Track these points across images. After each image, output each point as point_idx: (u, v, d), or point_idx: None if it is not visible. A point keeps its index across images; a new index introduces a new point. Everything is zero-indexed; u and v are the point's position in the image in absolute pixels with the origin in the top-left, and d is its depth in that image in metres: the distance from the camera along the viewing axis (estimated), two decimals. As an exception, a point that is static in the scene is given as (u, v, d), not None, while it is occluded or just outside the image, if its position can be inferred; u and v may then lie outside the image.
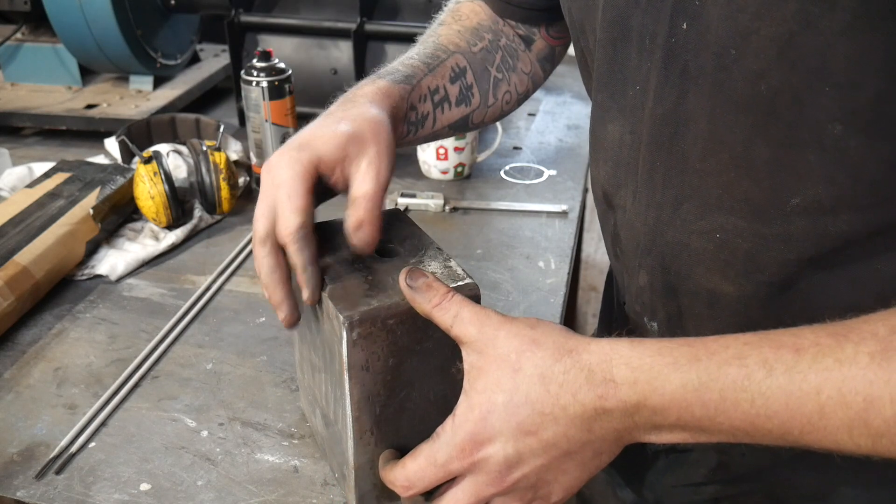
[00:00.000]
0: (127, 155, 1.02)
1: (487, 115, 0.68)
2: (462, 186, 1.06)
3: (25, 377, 0.69)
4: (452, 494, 0.44)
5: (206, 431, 0.63)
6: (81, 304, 0.80)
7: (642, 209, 0.51)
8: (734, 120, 0.42)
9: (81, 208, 0.84)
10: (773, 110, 0.40)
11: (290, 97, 0.99)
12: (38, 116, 1.19)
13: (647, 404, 0.39)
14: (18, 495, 0.57)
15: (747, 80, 0.40)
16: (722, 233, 0.46)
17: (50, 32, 1.23)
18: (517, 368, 0.41)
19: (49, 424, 0.64)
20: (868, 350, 0.35)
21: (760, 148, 0.42)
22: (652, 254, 0.52)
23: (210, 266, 0.86)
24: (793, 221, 0.43)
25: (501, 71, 0.67)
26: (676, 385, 0.38)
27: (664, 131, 0.46)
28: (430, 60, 0.62)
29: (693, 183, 0.46)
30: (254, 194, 1.03)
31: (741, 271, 0.47)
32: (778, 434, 0.38)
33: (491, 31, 0.67)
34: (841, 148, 0.40)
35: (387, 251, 0.52)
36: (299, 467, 0.59)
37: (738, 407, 0.37)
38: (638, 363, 0.39)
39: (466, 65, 0.64)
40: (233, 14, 1.18)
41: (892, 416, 0.34)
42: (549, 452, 0.41)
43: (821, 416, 0.36)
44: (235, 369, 0.70)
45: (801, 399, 0.36)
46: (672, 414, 0.39)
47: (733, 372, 0.37)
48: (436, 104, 0.62)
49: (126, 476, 0.58)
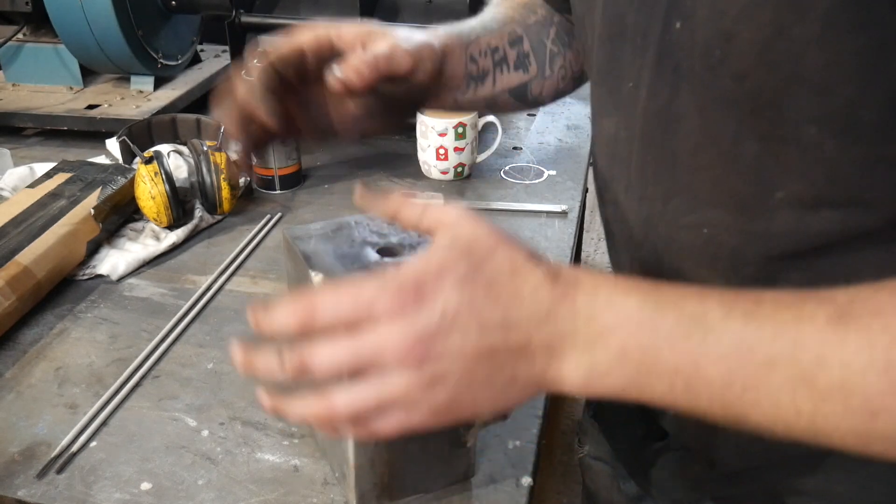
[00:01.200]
0: (128, 155, 1.02)
1: (545, 88, 0.67)
2: (462, 186, 1.06)
3: (27, 377, 0.69)
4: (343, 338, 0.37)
5: (206, 431, 0.63)
6: (82, 304, 0.80)
7: (635, 203, 0.51)
8: (722, 117, 0.43)
9: (83, 208, 0.85)
10: (756, 108, 0.41)
11: (290, 97, 0.99)
12: (40, 117, 1.19)
13: (597, 320, 0.37)
14: (20, 495, 0.57)
15: (732, 80, 0.41)
16: (709, 227, 0.47)
17: (51, 33, 1.24)
18: (492, 249, 0.38)
19: (50, 424, 0.64)
20: (826, 312, 0.35)
21: (749, 143, 0.42)
22: (645, 247, 0.52)
23: (211, 266, 0.86)
24: (775, 217, 0.44)
25: (556, 45, 0.67)
26: (633, 304, 0.37)
27: (656, 127, 0.47)
28: (488, 24, 0.63)
29: (683, 178, 0.47)
30: (254, 194, 1.03)
31: (727, 266, 0.47)
32: (719, 386, 0.36)
33: (544, 6, 0.68)
34: (818, 148, 0.40)
35: (388, 251, 0.52)
36: (299, 467, 0.60)
37: (688, 340, 0.36)
38: (601, 280, 0.39)
39: (523, 34, 0.64)
40: (234, 14, 1.18)
41: (839, 378, 0.34)
42: (479, 343, 0.37)
43: (769, 367, 0.35)
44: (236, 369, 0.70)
45: (753, 345, 0.35)
46: (617, 338, 0.37)
47: (691, 305, 0.37)
48: (496, 63, 0.61)
49: (127, 475, 0.59)
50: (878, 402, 0.33)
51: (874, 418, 0.33)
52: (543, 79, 0.67)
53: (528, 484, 0.58)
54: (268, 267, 0.87)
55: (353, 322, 0.37)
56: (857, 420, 0.34)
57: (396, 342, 0.37)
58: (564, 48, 0.67)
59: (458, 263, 0.37)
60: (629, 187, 0.52)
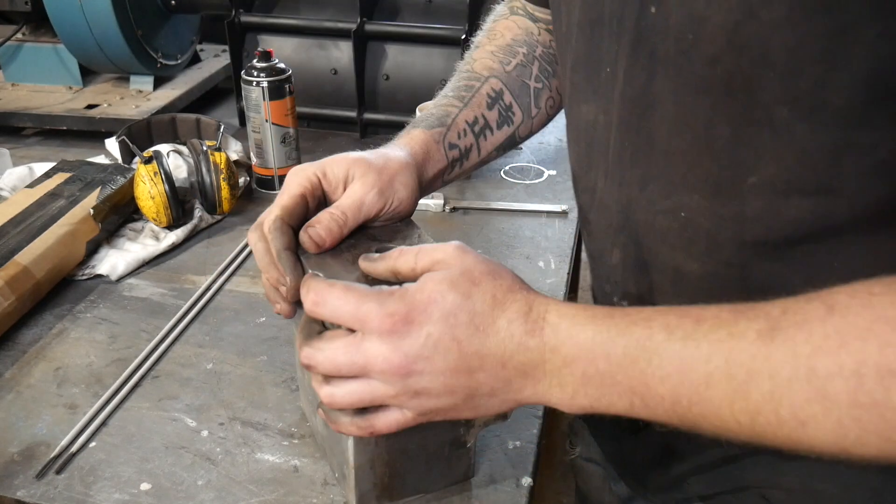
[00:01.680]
0: (127, 155, 1.02)
1: (534, 125, 0.70)
2: (462, 186, 1.06)
3: (26, 377, 0.69)
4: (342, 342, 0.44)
5: (206, 431, 0.63)
6: (82, 304, 0.80)
7: (615, 188, 0.53)
8: (696, 101, 0.44)
9: (82, 208, 0.85)
10: (729, 91, 0.42)
11: (290, 97, 0.99)
12: (39, 116, 1.19)
13: (560, 351, 0.41)
14: (19, 495, 0.57)
15: (704, 64, 0.42)
16: (686, 211, 0.48)
17: (50, 32, 1.24)
18: (477, 283, 0.43)
19: (49, 424, 0.64)
20: (757, 327, 0.36)
21: (722, 127, 0.44)
22: (625, 231, 0.54)
23: (210, 266, 0.86)
24: (748, 202, 0.45)
25: (540, 80, 0.69)
26: (588, 335, 0.41)
27: (633, 112, 0.48)
28: (464, 93, 0.65)
29: (659, 163, 0.48)
30: (254, 194, 1.03)
31: (703, 250, 0.49)
32: (669, 402, 0.39)
33: (525, 44, 0.69)
34: (789, 131, 0.42)
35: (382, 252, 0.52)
36: (299, 467, 0.59)
37: (636, 364, 0.39)
38: (565, 311, 0.42)
39: (502, 87, 0.67)
40: (233, 14, 1.18)
41: (769, 390, 0.35)
42: (458, 365, 0.42)
43: (707, 385, 0.37)
44: (236, 369, 0.70)
45: (692, 364, 0.38)
46: (579, 366, 0.41)
47: (638, 331, 0.40)
48: (477, 134, 0.65)
49: (126, 476, 0.59)
50: (805, 411, 0.35)
51: (804, 427, 0.35)
52: (531, 119, 0.69)
53: (528, 484, 0.58)
54: (267, 267, 0.87)
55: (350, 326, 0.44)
56: (789, 429, 0.36)
57: (384, 358, 0.42)
58: (549, 79, 0.69)
59: (446, 296, 0.42)
60: (608, 173, 0.53)
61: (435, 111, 0.64)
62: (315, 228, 0.52)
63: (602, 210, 0.55)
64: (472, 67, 0.68)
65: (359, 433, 0.47)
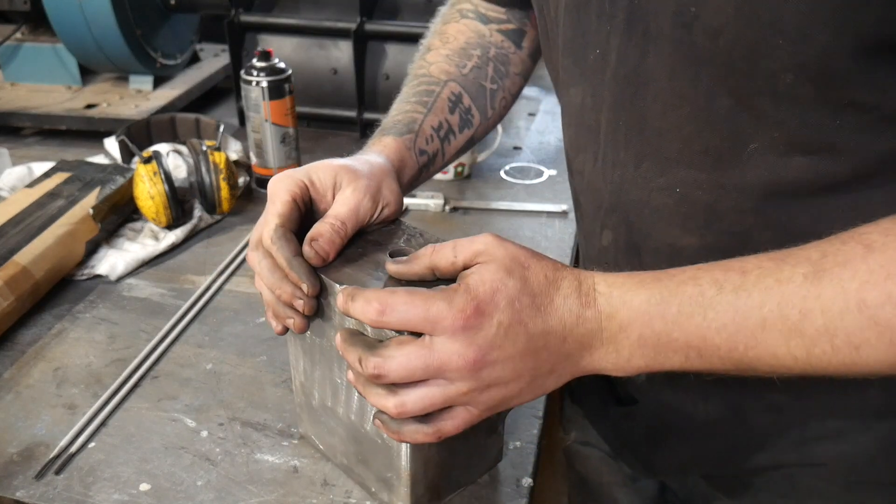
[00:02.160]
0: (127, 155, 1.02)
1: (489, 125, 0.71)
2: (462, 186, 1.06)
3: (25, 377, 0.69)
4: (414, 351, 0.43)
5: (205, 431, 0.63)
6: (81, 304, 0.80)
7: (608, 169, 0.54)
8: (693, 76, 0.46)
9: (81, 208, 0.84)
10: (730, 62, 0.44)
11: (290, 97, 0.99)
12: (38, 116, 1.19)
13: (616, 317, 0.43)
14: (18, 495, 0.57)
15: (706, 36, 0.44)
16: (682, 187, 0.50)
17: (49, 32, 1.23)
18: (527, 266, 0.44)
19: (49, 424, 0.63)
20: (802, 271, 0.40)
21: (722, 98, 0.45)
22: (617, 212, 0.55)
23: (210, 266, 0.86)
24: (749, 169, 0.47)
25: (495, 81, 0.70)
26: (642, 299, 0.43)
27: (625, 92, 0.50)
28: (426, 98, 0.65)
29: (652, 141, 0.50)
30: (254, 194, 1.03)
31: (701, 223, 0.51)
32: (725, 350, 0.42)
33: (479, 46, 0.70)
34: (792, 95, 0.43)
35: (398, 253, 0.52)
36: (299, 467, 0.59)
37: (692, 320, 0.42)
38: (612, 280, 0.44)
39: (461, 90, 0.67)
40: (233, 14, 1.18)
41: (823, 324, 0.39)
42: (526, 347, 0.43)
43: (762, 328, 0.40)
44: (235, 369, 0.70)
45: (746, 313, 0.41)
46: (635, 330, 0.43)
47: (689, 289, 0.42)
48: (442, 139, 0.65)
49: (126, 476, 0.58)
50: (858, 337, 0.39)
51: (858, 351, 0.39)
52: (487, 120, 0.70)
53: (528, 484, 0.58)
54: (267, 267, 0.87)
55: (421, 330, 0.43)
56: (843, 355, 0.39)
57: (459, 355, 0.42)
58: (503, 79, 0.71)
59: (507, 283, 0.43)
60: (599, 154, 0.54)
61: (401, 118, 0.64)
62: (318, 242, 0.50)
63: (592, 192, 0.57)
64: (429, 71, 0.68)
65: (426, 440, 0.46)
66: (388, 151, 0.60)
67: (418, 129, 0.63)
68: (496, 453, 0.59)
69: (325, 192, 0.53)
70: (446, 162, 0.68)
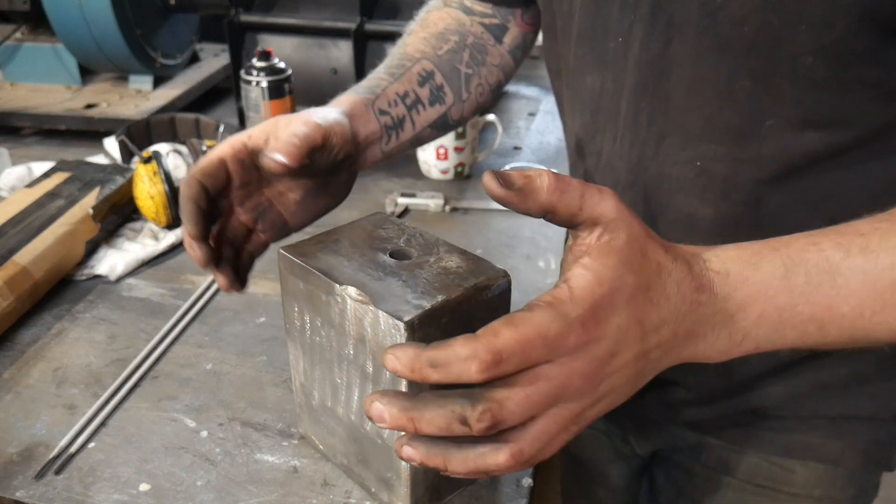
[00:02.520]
0: (126, 155, 1.02)
1: (465, 109, 0.71)
2: (462, 186, 1.06)
3: (25, 377, 0.69)
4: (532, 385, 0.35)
5: (205, 431, 0.63)
6: (81, 304, 0.79)
7: (626, 149, 0.56)
8: (716, 60, 0.48)
9: (81, 208, 0.84)
10: (753, 47, 0.46)
11: (289, 97, 0.99)
12: (38, 116, 1.19)
13: (734, 297, 0.39)
14: (18, 495, 0.57)
15: (731, 24, 0.46)
16: (702, 160, 0.52)
17: (49, 32, 1.23)
18: (644, 253, 0.38)
19: (48, 424, 0.63)
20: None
21: (742, 81, 0.48)
22: (634, 188, 0.57)
23: (210, 266, 0.86)
24: (765, 143, 0.49)
25: (471, 67, 0.71)
26: (765, 273, 0.39)
27: (649, 76, 0.52)
28: (395, 70, 0.67)
29: (676, 119, 0.52)
30: (253, 194, 1.03)
31: (719, 194, 0.52)
32: (850, 319, 0.39)
33: (457, 32, 0.71)
34: (810, 76, 0.46)
35: (398, 253, 0.52)
36: (299, 467, 0.59)
37: (820, 289, 0.39)
38: (726, 255, 0.40)
39: (433, 68, 0.68)
40: (232, 14, 1.18)
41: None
42: (641, 349, 0.38)
43: (893, 290, 0.39)
44: (235, 369, 0.70)
45: (878, 275, 0.38)
46: (756, 308, 0.39)
47: (813, 257, 0.39)
48: (409, 107, 0.65)
49: (125, 476, 0.58)
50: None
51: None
52: (462, 102, 0.70)
53: (528, 484, 0.58)
54: (266, 267, 0.86)
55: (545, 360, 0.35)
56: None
57: (580, 373, 0.36)
58: (479, 67, 0.72)
59: (626, 279, 0.37)
60: (617, 135, 0.56)
61: (364, 83, 0.65)
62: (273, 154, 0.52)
63: (608, 171, 0.58)
64: (405, 50, 0.69)
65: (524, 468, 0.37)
66: (339, 103, 0.61)
67: (380, 93, 0.64)
68: None
69: (265, 139, 0.55)
70: (419, 134, 0.68)
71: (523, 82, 1.47)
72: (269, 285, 0.83)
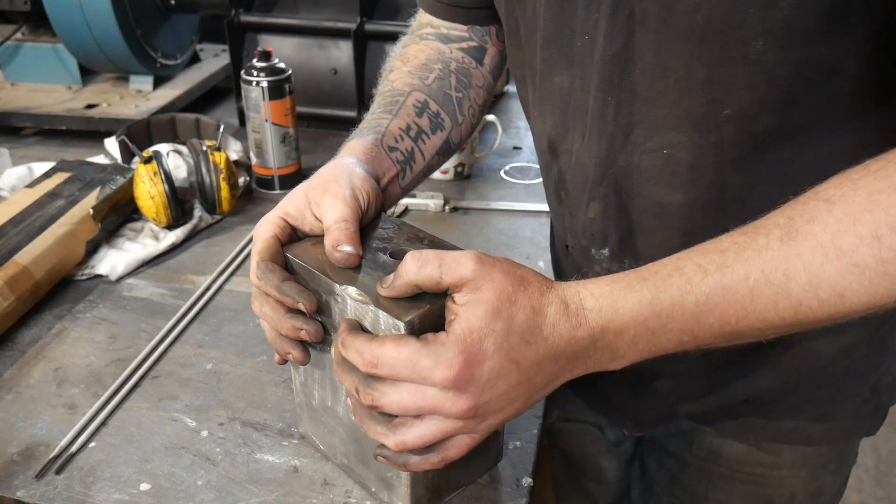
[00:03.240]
0: (127, 155, 1.02)
1: (462, 132, 0.72)
2: (462, 186, 1.06)
3: (25, 377, 0.69)
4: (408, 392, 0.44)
5: (206, 431, 0.63)
6: (81, 304, 0.80)
7: (594, 144, 0.57)
8: (676, 49, 0.49)
9: (81, 208, 0.84)
10: (706, 35, 0.48)
11: (290, 97, 0.99)
12: (38, 116, 1.19)
13: (609, 327, 0.44)
14: (18, 495, 0.57)
15: (686, 14, 0.48)
16: (669, 148, 0.53)
17: (50, 32, 1.24)
18: (513, 300, 0.44)
19: (49, 424, 0.64)
20: (777, 235, 0.42)
21: (698, 69, 0.49)
22: (604, 182, 0.58)
23: (210, 266, 0.86)
24: (724, 130, 0.51)
25: (460, 90, 0.72)
26: (633, 303, 0.44)
27: (614, 69, 0.53)
28: (390, 107, 0.67)
29: (642, 109, 0.53)
30: (254, 194, 1.03)
31: (685, 180, 0.54)
32: (718, 327, 0.44)
33: (439, 61, 0.72)
34: (762, 60, 0.47)
35: (398, 253, 0.52)
36: (299, 467, 0.59)
37: (684, 310, 0.44)
38: (599, 292, 0.45)
39: (426, 98, 0.68)
40: (233, 14, 1.18)
41: (807, 280, 0.41)
42: (519, 380, 0.44)
43: (751, 298, 0.43)
44: (235, 369, 0.70)
45: (734, 287, 0.43)
46: (630, 332, 0.45)
47: (676, 282, 0.44)
48: (414, 139, 0.66)
49: (126, 476, 0.59)
50: (841, 285, 0.41)
51: (843, 299, 0.41)
52: (459, 126, 0.71)
53: (528, 484, 0.58)
54: (267, 267, 0.87)
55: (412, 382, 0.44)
56: (829, 306, 0.42)
57: (452, 403, 0.44)
58: (466, 90, 0.73)
59: (495, 327, 0.43)
60: (586, 132, 0.57)
61: (365, 125, 0.65)
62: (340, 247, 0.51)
63: (579, 168, 0.59)
64: (392, 87, 0.69)
65: (433, 467, 0.48)
66: (352, 151, 0.60)
67: (384, 131, 0.64)
68: (496, 453, 0.59)
69: (303, 216, 0.55)
70: (429, 164, 0.68)
71: (523, 82, 1.47)
72: (270, 285, 0.83)
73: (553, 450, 0.92)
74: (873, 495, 1.81)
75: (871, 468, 1.87)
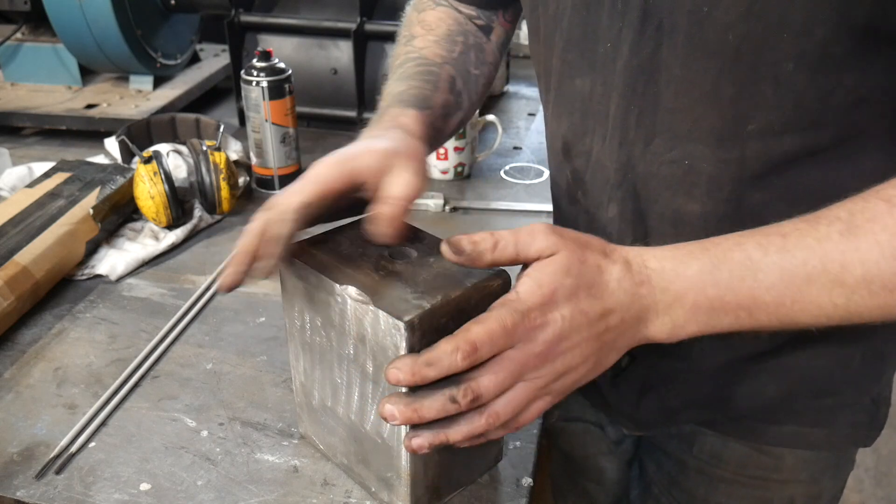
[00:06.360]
0: (127, 155, 1.02)
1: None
2: (462, 186, 1.06)
3: (25, 377, 0.69)
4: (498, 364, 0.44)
5: (206, 431, 0.63)
6: (81, 304, 0.80)
7: (615, 149, 0.57)
8: (704, 65, 0.50)
9: (81, 208, 0.84)
10: (737, 54, 0.48)
11: (290, 97, 0.99)
12: (38, 116, 1.19)
13: (670, 289, 0.47)
14: (18, 495, 0.57)
15: (717, 32, 0.48)
16: (690, 160, 0.54)
17: (50, 32, 1.23)
18: (583, 260, 0.46)
19: (49, 424, 0.64)
20: (837, 229, 0.45)
21: (726, 86, 0.50)
22: (623, 186, 0.58)
23: (210, 266, 0.86)
24: (748, 145, 0.52)
25: (478, 67, 0.72)
26: (695, 269, 0.46)
27: (638, 79, 0.53)
28: (431, 78, 0.66)
29: (665, 120, 0.54)
30: (254, 194, 1.03)
31: (704, 191, 0.55)
32: (773, 307, 0.46)
33: (461, 33, 0.71)
34: (791, 82, 0.48)
35: (398, 253, 0.52)
36: (299, 467, 0.59)
37: (743, 282, 0.46)
38: (661, 255, 0.48)
39: (455, 73, 0.68)
40: (233, 14, 1.18)
41: (861, 273, 0.44)
42: (590, 333, 0.46)
43: (808, 282, 0.45)
44: (235, 369, 0.70)
45: (793, 270, 0.45)
46: (689, 298, 0.47)
47: (737, 255, 0.46)
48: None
49: (126, 476, 0.59)
50: (892, 281, 0.44)
51: (892, 293, 0.44)
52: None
53: (528, 484, 0.58)
54: (267, 267, 0.87)
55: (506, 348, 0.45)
56: (880, 298, 0.45)
57: (535, 354, 0.45)
58: (482, 66, 0.73)
59: (563, 281, 0.45)
60: (607, 136, 0.58)
61: (414, 92, 0.63)
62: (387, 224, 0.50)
63: (599, 169, 0.60)
64: (423, 55, 0.68)
65: (506, 433, 0.49)
66: (416, 126, 0.59)
67: (433, 106, 0.64)
68: (496, 453, 0.59)
69: (372, 177, 0.51)
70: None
71: (523, 82, 1.47)
72: (269, 285, 0.83)
73: (553, 450, 0.92)
74: (873, 495, 1.81)
75: (871, 468, 1.87)
